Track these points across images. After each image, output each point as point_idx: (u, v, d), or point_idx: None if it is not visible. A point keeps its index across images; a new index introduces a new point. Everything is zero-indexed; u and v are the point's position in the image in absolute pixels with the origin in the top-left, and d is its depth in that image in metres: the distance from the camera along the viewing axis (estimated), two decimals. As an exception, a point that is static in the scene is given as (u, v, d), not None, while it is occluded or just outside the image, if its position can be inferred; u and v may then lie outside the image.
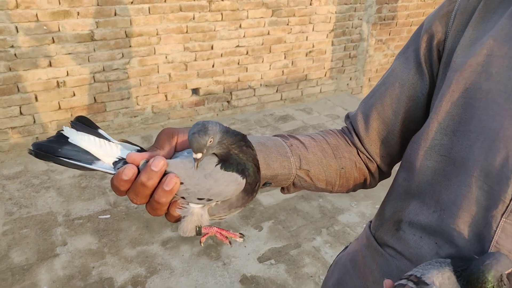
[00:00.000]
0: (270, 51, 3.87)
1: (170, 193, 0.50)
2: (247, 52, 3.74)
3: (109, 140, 0.53)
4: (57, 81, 3.02)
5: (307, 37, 4.01)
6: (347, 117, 0.76)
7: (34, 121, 3.03)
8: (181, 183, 0.50)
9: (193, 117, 3.70)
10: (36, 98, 2.99)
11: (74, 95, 3.11)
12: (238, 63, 3.75)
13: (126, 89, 3.29)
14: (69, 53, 3.00)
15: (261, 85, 3.97)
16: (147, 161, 0.50)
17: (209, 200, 0.52)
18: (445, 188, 0.57)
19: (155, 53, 3.32)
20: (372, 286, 0.70)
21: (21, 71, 2.88)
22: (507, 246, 0.51)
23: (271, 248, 2.28)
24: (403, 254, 0.62)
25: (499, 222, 0.51)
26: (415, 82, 0.65)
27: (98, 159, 0.51)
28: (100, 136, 0.53)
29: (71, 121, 0.53)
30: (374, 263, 0.70)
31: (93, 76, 3.13)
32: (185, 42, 3.41)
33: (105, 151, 0.51)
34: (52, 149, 0.49)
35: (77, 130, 0.52)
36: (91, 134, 0.52)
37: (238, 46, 3.67)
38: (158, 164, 0.48)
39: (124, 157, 0.51)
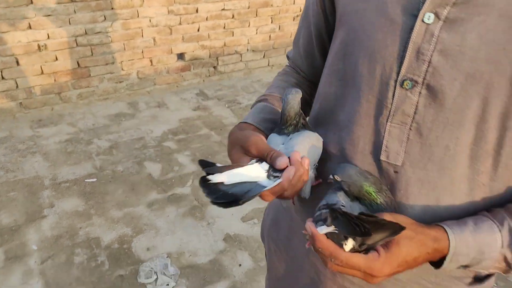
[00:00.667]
0: (256, 15, 3.80)
1: (307, 171, 0.57)
2: (233, 16, 3.68)
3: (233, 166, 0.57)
4: (38, 44, 2.96)
5: (294, 1, 3.94)
6: (288, 57, 0.85)
7: (17, 86, 3.00)
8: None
9: (179, 83, 3.68)
10: (17, 62, 2.94)
11: (56, 59, 3.06)
12: (224, 27, 3.69)
13: (110, 53, 3.24)
14: (49, 15, 2.92)
15: (247, 50, 3.93)
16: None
17: (316, 164, 0.64)
18: (341, 110, 0.62)
19: (138, 16, 3.25)
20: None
21: None
22: (394, 148, 0.57)
23: (254, 208, 2.36)
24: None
25: (386, 127, 0.57)
26: (319, 17, 0.72)
27: (256, 182, 0.55)
28: (226, 167, 0.56)
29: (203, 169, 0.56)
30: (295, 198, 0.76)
31: (75, 40, 3.07)
32: (169, 5, 3.33)
33: (250, 173, 0.56)
34: (229, 196, 0.52)
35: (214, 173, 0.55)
36: (224, 171, 0.55)
37: (223, 9, 3.60)
38: (299, 156, 0.56)
39: (264, 170, 0.56)
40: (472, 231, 0.52)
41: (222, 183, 0.53)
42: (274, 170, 0.55)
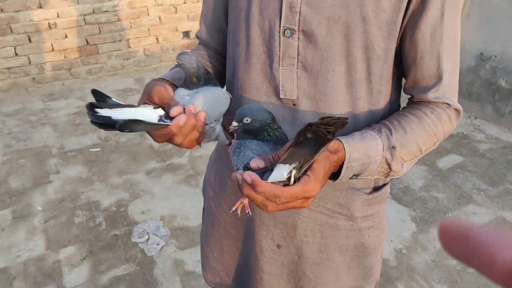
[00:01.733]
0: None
1: (202, 124, 0.65)
2: (238, -6, 3.71)
3: (127, 106, 0.60)
4: (48, 23, 3.12)
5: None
6: (197, 37, 0.89)
7: (30, 62, 3.17)
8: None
9: (185, 60, 3.77)
10: (29, 39, 3.11)
11: (66, 37, 3.21)
12: (229, 6, 3.74)
13: (117, 31, 3.37)
14: (58, -5, 3.06)
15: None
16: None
17: (220, 119, 0.71)
18: (241, 67, 0.72)
19: (144, -5, 3.35)
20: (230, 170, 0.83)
21: (12, 13, 2.98)
22: (288, 86, 0.68)
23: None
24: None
25: (279, 70, 0.67)
26: None
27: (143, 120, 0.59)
28: (120, 105, 0.59)
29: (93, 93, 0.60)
30: (222, 149, 0.86)
31: (84, 18, 3.21)
32: (174, -16, 3.41)
33: (140, 114, 0.59)
34: (110, 121, 0.56)
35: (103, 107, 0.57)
36: (116, 107, 0.58)
37: (228, -13, 3.64)
38: (194, 108, 0.63)
39: (156, 115, 0.60)
40: (360, 139, 0.62)
41: (109, 117, 0.56)
42: (167, 117, 0.60)
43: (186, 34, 3.70)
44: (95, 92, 0.61)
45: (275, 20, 0.65)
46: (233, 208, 0.69)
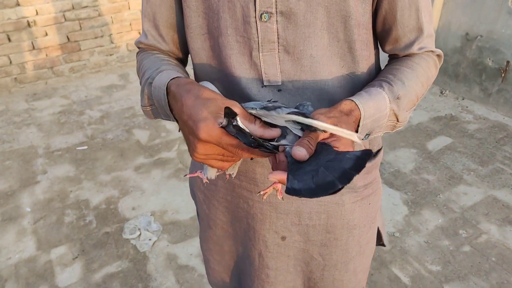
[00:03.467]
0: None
1: None
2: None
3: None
4: (27, 21, 3.04)
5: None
6: (140, 42, 0.78)
7: (11, 62, 3.10)
8: None
9: (170, 54, 3.72)
10: (8, 38, 3.03)
11: (46, 34, 3.14)
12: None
13: (99, 27, 3.30)
14: (36, -9, 2.99)
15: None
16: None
17: None
18: (217, 60, 0.68)
19: (124, -12, 3.28)
20: None
21: (-11, 11, 2.90)
22: (271, 72, 0.65)
23: (237, 169, 2.42)
24: None
25: (260, 57, 0.64)
26: None
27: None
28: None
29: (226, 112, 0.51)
30: None
31: (63, 15, 3.14)
32: (155, -25, 3.34)
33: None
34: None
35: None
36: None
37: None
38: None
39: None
40: (368, 96, 0.61)
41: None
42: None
43: (170, 27, 3.65)
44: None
45: (249, 5, 0.61)
46: (262, 193, 0.63)
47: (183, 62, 0.81)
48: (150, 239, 2.00)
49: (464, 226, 1.98)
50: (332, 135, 0.53)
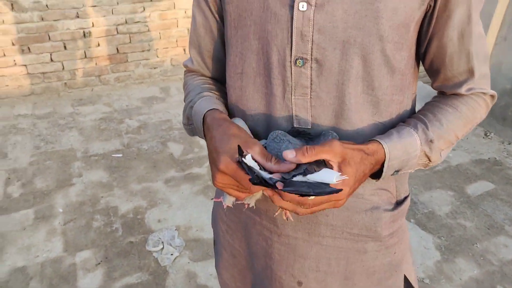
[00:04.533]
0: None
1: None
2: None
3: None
4: (84, 32, 3.23)
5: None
6: (186, 66, 0.84)
7: (63, 68, 3.29)
8: None
9: (212, 72, 3.82)
10: (64, 46, 3.23)
11: (98, 45, 3.31)
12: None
13: (147, 41, 3.45)
14: (95, 6, 3.18)
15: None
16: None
17: None
18: (250, 98, 0.69)
19: (174, 7, 3.42)
20: None
21: (51, 21, 3.11)
22: (302, 116, 0.65)
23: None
24: None
25: (292, 100, 0.65)
26: (213, 24, 0.75)
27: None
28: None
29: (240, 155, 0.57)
30: None
31: (116, 28, 3.31)
32: (205, -3, 3.47)
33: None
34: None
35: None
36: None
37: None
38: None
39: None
40: (397, 137, 0.63)
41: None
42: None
43: (214, 46, 3.75)
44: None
45: (286, 50, 0.62)
46: (276, 214, 0.69)
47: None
48: (172, 254, 2.00)
49: (502, 281, 1.84)
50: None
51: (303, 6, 0.60)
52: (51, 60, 3.24)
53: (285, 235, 0.74)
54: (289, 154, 0.55)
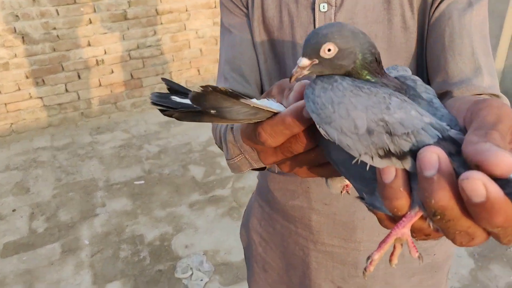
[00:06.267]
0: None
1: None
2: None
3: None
4: (96, 60, 3.26)
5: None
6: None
7: (79, 97, 3.32)
8: None
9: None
10: (78, 76, 3.26)
11: (112, 72, 3.34)
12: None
13: (160, 65, 3.47)
14: (105, 33, 3.21)
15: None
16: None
17: None
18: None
19: (185, 29, 3.44)
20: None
21: (63, 51, 3.15)
22: None
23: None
24: None
25: None
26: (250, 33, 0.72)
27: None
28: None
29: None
30: (265, 191, 0.83)
31: (129, 54, 3.33)
32: (214, 17, 3.48)
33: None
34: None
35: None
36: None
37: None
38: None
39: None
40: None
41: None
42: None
43: (226, 64, 3.75)
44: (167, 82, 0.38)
45: None
46: (416, 255, 0.38)
47: None
48: (201, 280, 1.95)
49: (550, 288, 1.74)
50: None
51: (324, 7, 0.61)
52: (66, 90, 3.27)
53: (321, 242, 0.74)
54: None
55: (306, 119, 0.36)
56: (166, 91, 0.36)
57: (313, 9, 0.62)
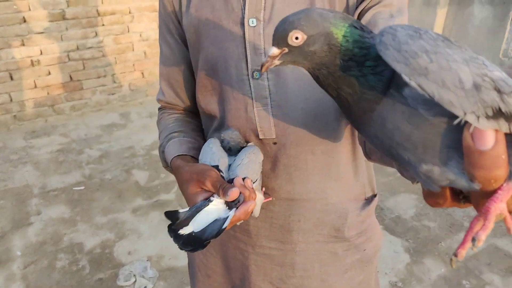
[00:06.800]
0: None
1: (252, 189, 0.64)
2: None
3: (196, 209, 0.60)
4: (31, 60, 3.09)
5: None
6: (160, 100, 0.86)
7: (11, 99, 3.11)
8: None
9: (171, 94, 3.78)
10: (11, 77, 3.06)
11: (49, 73, 3.18)
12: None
13: (102, 67, 3.36)
14: (42, 32, 3.05)
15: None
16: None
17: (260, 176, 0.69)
18: (219, 114, 0.72)
19: (129, 31, 3.37)
20: None
21: (-6, 51, 2.95)
22: (265, 126, 0.68)
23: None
24: None
25: (254, 112, 0.68)
26: (180, 53, 0.78)
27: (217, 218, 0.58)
28: (192, 214, 0.59)
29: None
30: None
31: (68, 55, 3.19)
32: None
33: (213, 214, 0.58)
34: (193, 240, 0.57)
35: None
36: (190, 219, 0.58)
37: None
38: (241, 181, 0.62)
39: (223, 203, 0.59)
40: None
41: (192, 232, 0.56)
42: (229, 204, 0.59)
43: (172, 68, 3.72)
44: (167, 214, 0.59)
45: (242, 64, 0.66)
46: (473, 248, 0.38)
47: (198, 114, 0.85)
48: (145, 287, 1.92)
49: (467, 276, 1.94)
50: None
51: (252, 22, 0.64)
52: (-3, 92, 3.06)
53: (259, 245, 0.77)
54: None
55: None
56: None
57: (243, 24, 0.65)
